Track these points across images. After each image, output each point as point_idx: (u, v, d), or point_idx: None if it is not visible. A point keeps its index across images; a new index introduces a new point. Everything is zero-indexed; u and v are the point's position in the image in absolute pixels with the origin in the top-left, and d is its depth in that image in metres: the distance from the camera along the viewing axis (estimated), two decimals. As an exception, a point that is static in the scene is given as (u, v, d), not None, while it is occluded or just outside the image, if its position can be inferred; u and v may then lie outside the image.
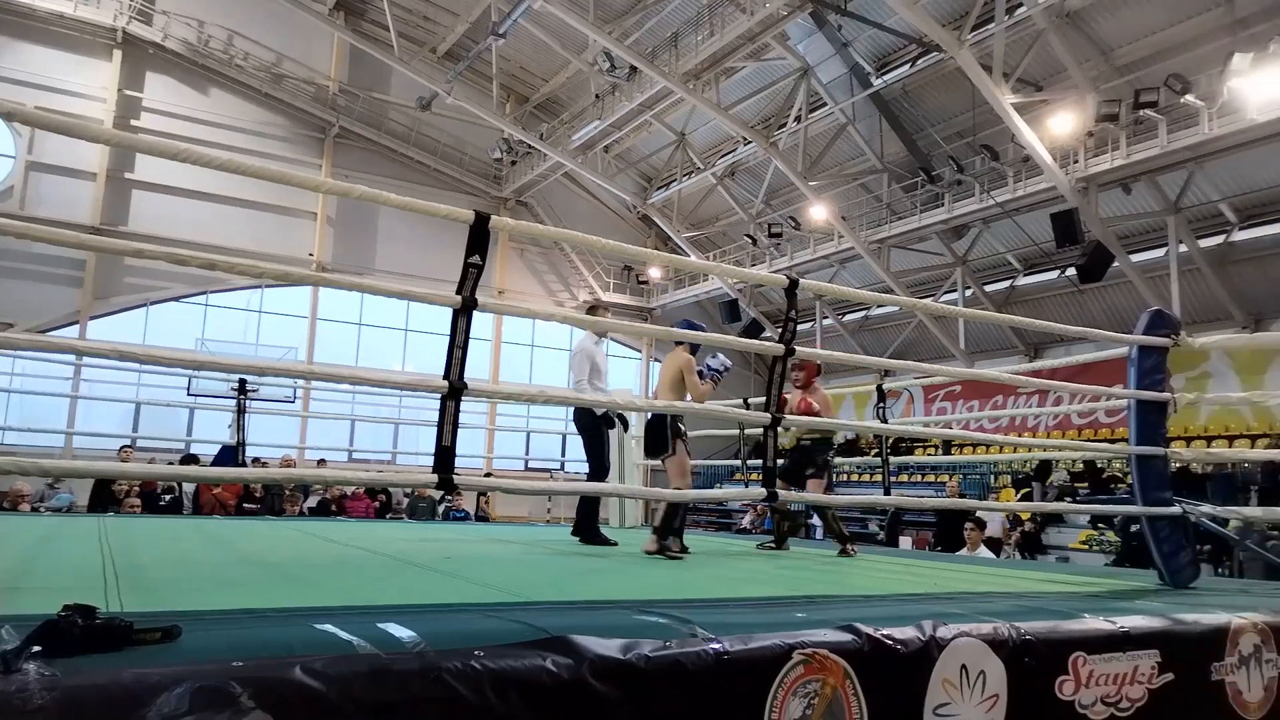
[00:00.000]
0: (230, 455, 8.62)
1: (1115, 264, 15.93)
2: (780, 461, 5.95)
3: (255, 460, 11.50)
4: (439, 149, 23.80)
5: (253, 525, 7.18)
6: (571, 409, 6.69)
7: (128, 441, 12.88)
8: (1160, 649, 2.66)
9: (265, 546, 4.90)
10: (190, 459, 11.89)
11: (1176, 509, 4.03)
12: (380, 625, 1.88)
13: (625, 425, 6.46)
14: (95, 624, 1.59)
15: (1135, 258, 16.56)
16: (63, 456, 16.92)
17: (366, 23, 22.05)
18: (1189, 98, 13.29)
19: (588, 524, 6.17)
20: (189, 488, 10.59)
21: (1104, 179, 15.11)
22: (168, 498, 10.45)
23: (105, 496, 9.99)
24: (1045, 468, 14.28)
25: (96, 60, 20.35)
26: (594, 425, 6.08)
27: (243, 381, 8.70)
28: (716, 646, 2.00)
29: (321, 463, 14.78)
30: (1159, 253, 16.50)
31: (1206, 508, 4.35)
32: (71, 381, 15.80)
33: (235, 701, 1.48)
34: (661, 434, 5.42)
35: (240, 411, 8.57)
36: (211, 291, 21.14)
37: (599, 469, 6.12)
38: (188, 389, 17.95)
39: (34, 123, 2.61)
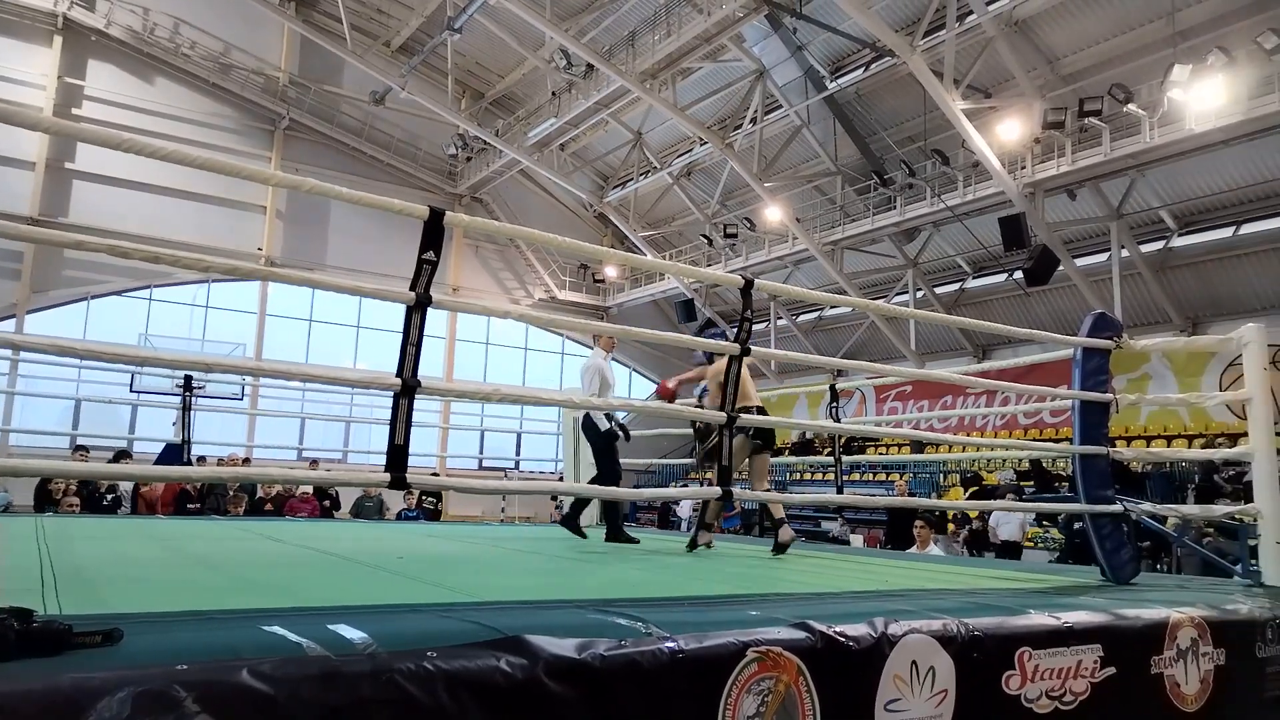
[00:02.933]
0: (175, 454, 8.41)
1: (1060, 268, 16.32)
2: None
3: (200, 459, 11.23)
4: (392, 144, 23.52)
5: (197, 525, 7.02)
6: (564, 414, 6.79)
7: (67, 440, 12.51)
8: (1102, 643, 2.73)
9: (210, 547, 4.80)
10: (122, 455, 11.55)
11: (1118, 507, 4.14)
12: (330, 626, 1.86)
13: (627, 436, 6.60)
14: (32, 627, 1.54)
15: (1079, 262, 16.98)
16: (-3, 455, 16.38)
17: (318, 14, 21.69)
18: (1131, 107, 13.67)
19: (614, 525, 6.35)
20: (128, 486, 10.31)
21: (1050, 185, 15.48)
22: (110, 497, 10.16)
23: (45, 496, 9.68)
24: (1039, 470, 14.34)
25: (36, 46, 19.75)
26: (601, 438, 6.24)
27: (188, 378, 8.49)
28: (671, 645, 2.00)
29: (247, 461, 14.21)
30: (1102, 257, 16.95)
31: (1147, 505, 4.47)
32: (8, 377, 15.29)
33: (179, 706, 1.44)
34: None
35: (185, 409, 8.37)
36: (156, 286, 20.64)
37: (610, 477, 6.26)
38: (130, 385, 17.47)
39: (-31, 109, 2.51)
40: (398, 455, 2.77)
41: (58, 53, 19.82)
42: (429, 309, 2.85)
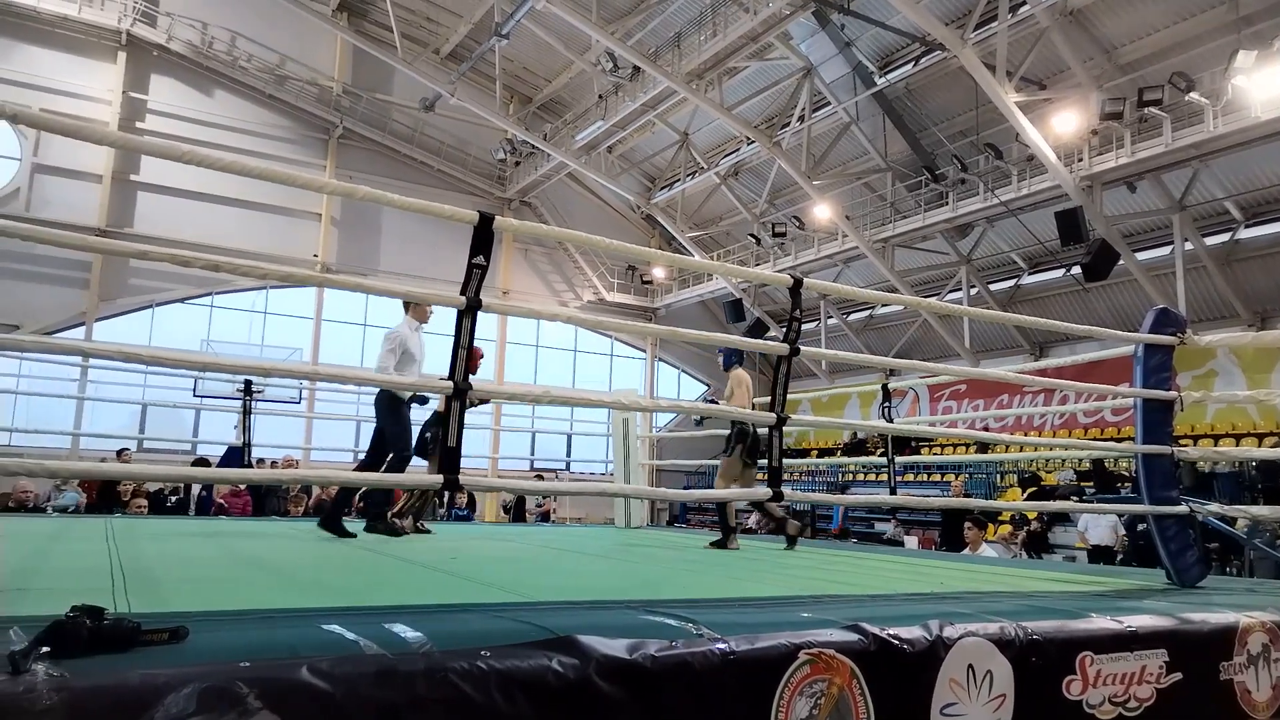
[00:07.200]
0: (236, 456, 8.64)
1: (1120, 262, 15.90)
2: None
3: (260, 461, 11.50)
4: (442, 150, 23.83)
5: (258, 526, 7.19)
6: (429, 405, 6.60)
7: (133, 443, 12.87)
8: (1168, 648, 2.65)
9: (271, 547, 4.91)
10: (201, 462, 11.90)
11: (1183, 508, 4.02)
12: (386, 625, 1.89)
13: (424, 402, 6.14)
14: (103, 625, 1.59)
15: (1140, 256, 16.52)
16: (69, 458, 16.96)
17: (369, 24, 22.08)
18: (1193, 95, 13.25)
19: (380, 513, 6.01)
20: (196, 488, 10.60)
21: (1108, 177, 15.08)
22: (174, 499, 10.47)
23: (110, 497, 10.01)
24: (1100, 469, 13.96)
25: (101, 62, 20.41)
26: (395, 409, 5.59)
27: (248, 383, 8.72)
28: (723, 646, 2.00)
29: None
30: (1164, 251, 16.46)
31: (1214, 506, 4.34)
32: (78, 383, 15.84)
33: (242, 702, 1.48)
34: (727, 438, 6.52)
35: (246, 413, 8.59)
36: (216, 293, 21.19)
37: (399, 457, 5.66)
38: (194, 390, 17.98)
39: (39, 125, 2.61)
40: (450, 457, 2.81)
41: (121, 68, 20.46)
42: (479, 312, 2.88)
